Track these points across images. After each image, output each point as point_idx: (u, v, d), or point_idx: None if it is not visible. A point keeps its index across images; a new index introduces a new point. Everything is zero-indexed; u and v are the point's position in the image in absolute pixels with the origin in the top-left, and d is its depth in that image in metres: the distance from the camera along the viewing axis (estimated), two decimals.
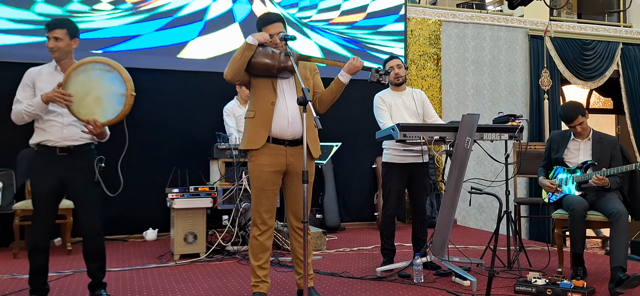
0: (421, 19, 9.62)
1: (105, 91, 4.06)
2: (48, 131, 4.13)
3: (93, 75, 4.05)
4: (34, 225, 4.16)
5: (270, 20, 4.19)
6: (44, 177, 4.13)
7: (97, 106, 4.05)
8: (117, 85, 4.07)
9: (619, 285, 4.45)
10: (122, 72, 4.09)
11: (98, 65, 4.08)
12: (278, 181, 4.18)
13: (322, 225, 8.23)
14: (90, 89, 4.04)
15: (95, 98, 4.04)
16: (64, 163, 4.14)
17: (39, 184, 4.15)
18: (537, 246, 7.00)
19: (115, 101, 4.07)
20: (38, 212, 4.14)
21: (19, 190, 6.78)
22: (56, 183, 4.14)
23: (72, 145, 4.16)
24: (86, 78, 4.04)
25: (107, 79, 4.07)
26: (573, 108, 5.22)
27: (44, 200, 4.13)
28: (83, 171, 4.19)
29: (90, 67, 4.06)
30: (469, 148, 4.88)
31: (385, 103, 5.47)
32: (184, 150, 7.86)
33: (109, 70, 4.08)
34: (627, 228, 4.80)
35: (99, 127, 4.04)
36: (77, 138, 4.16)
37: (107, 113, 4.07)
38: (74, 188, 4.20)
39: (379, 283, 4.99)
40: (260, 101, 4.12)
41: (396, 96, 5.53)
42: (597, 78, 10.87)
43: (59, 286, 4.92)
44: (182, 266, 5.81)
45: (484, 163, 9.74)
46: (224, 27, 8.23)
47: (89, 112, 4.03)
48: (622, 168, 4.88)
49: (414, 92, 5.62)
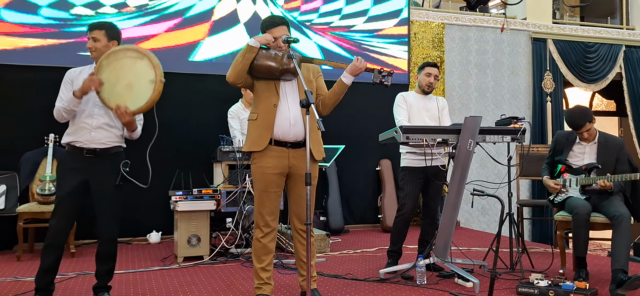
0: (424, 22, 9.63)
1: (136, 78, 4.10)
2: (77, 133, 4.20)
3: (124, 62, 4.11)
4: (53, 222, 4.17)
5: (274, 23, 4.20)
6: (69, 176, 4.19)
7: (128, 93, 4.09)
8: (147, 72, 4.10)
9: (620, 287, 4.45)
10: (152, 59, 4.12)
11: (129, 52, 4.13)
12: (281, 183, 4.19)
13: (326, 227, 8.24)
14: (121, 76, 4.08)
15: (126, 85, 4.09)
16: (89, 165, 4.19)
17: (63, 183, 4.20)
18: (539, 248, 7.01)
19: (145, 88, 4.10)
20: (59, 210, 4.17)
21: (23, 193, 6.80)
22: (80, 183, 4.18)
23: (99, 147, 4.20)
24: (117, 66, 4.09)
25: (137, 66, 4.11)
26: (581, 115, 5.17)
27: (66, 199, 4.16)
28: (107, 173, 4.24)
29: (121, 54, 4.11)
30: (472, 151, 4.89)
31: (406, 103, 5.51)
32: (188, 153, 7.88)
33: (139, 57, 4.12)
34: (630, 231, 4.80)
35: (129, 114, 4.07)
36: (105, 141, 4.22)
37: (137, 101, 4.10)
38: (96, 189, 4.23)
39: (382, 284, 5.00)
40: (263, 103, 4.14)
41: (420, 99, 5.58)
42: (599, 81, 10.86)
43: (62, 288, 4.94)
44: (186, 268, 5.82)
45: (487, 166, 9.74)
46: (228, 28, 8.25)
47: (120, 99, 4.07)
48: (627, 177, 4.86)
49: (438, 99, 5.70)
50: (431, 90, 5.59)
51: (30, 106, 7.11)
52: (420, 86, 5.60)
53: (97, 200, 4.25)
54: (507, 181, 5.76)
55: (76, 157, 4.20)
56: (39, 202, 6.41)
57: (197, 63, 8.07)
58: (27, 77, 7.23)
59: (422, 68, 5.62)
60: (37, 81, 7.17)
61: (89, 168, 4.19)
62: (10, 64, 7.23)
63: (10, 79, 7.24)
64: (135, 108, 4.11)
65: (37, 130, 6.81)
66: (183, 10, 8.05)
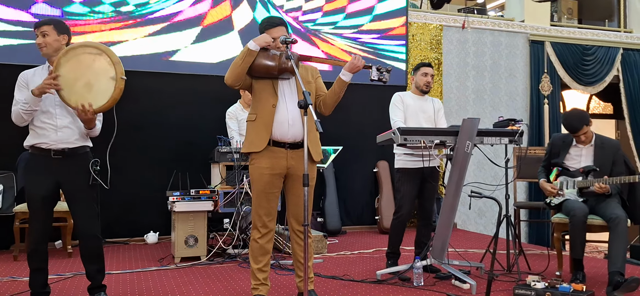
0: (423, 24, 9.64)
1: (95, 76, 3.98)
2: (42, 134, 4.09)
3: (83, 59, 3.98)
4: (31, 228, 4.14)
5: (273, 24, 4.20)
6: (38, 179, 4.09)
7: (88, 91, 3.97)
8: (107, 69, 3.99)
9: (617, 289, 4.47)
10: (111, 55, 4.01)
11: (87, 48, 4.01)
12: (279, 184, 4.19)
13: (323, 228, 8.24)
14: (80, 74, 3.96)
15: (86, 83, 3.96)
16: (59, 166, 4.10)
17: (33, 187, 4.11)
18: (536, 250, 7.01)
19: (106, 85, 3.99)
20: (34, 215, 4.12)
21: (20, 193, 6.78)
22: (51, 185, 4.11)
23: (67, 147, 4.11)
24: (76, 63, 3.97)
25: (96, 63, 3.99)
26: (578, 118, 5.18)
27: (39, 203, 4.10)
28: (78, 174, 4.15)
29: (80, 51, 3.99)
30: (469, 153, 4.89)
31: (402, 103, 5.51)
32: (185, 153, 7.88)
33: (98, 53, 4.00)
34: (627, 233, 4.80)
35: (90, 112, 3.96)
36: (72, 140, 4.12)
37: (98, 99, 3.98)
38: (69, 191, 4.17)
39: (379, 286, 5.01)
40: (261, 104, 4.14)
41: (417, 99, 5.59)
42: (597, 84, 10.88)
43: (59, 288, 4.94)
44: (183, 269, 5.82)
45: (484, 168, 9.75)
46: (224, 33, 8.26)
47: (81, 97, 3.95)
48: (625, 179, 4.88)
49: (434, 101, 5.72)
50: (429, 89, 5.60)
51: None
52: (417, 86, 5.60)
53: (71, 202, 4.20)
54: (505, 183, 5.76)
55: (44, 159, 4.09)
56: None
57: (194, 64, 8.06)
58: None
59: (418, 68, 5.64)
60: None
61: (59, 169, 4.10)
62: (6, 63, 7.23)
63: (5, 78, 7.21)
64: (97, 107, 3.99)
65: None
66: (177, 12, 8.06)
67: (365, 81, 4.48)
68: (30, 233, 4.14)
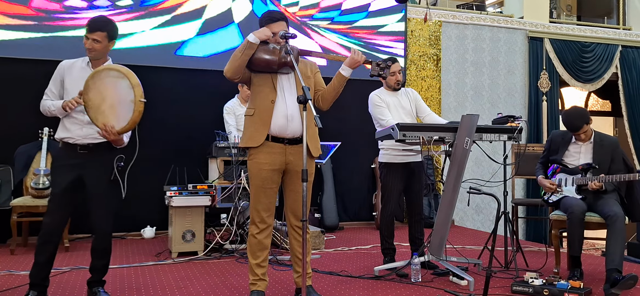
0: (421, 20, 9.63)
1: (117, 98, 4.06)
2: (69, 129, 4.18)
3: (107, 82, 4.07)
4: (47, 218, 4.16)
5: (273, 18, 4.18)
6: (63, 172, 4.18)
7: (112, 113, 4.06)
8: (127, 92, 4.06)
9: (614, 286, 4.46)
10: (131, 78, 4.08)
11: (111, 72, 4.09)
12: (277, 179, 4.18)
13: (321, 224, 8.23)
14: (105, 97, 4.06)
15: (110, 105, 4.06)
16: (84, 161, 4.18)
17: (58, 179, 4.20)
18: (534, 247, 7.02)
19: (127, 108, 4.07)
20: (53, 205, 4.17)
21: (17, 187, 6.78)
22: (74, 179, 4.16)
23: (92, 143, 4.18)
24: (101, 86, 4.06)
25: (118, 87, 4.07)
26: (579, 116, 5.16)
27: (60, 195, 4.16)
28: (101, 169, 4.21)
29: (103, 74, 4.07)
30: (468, 149, 4.88)
31: (382, 102, 5.47)
32: (183, 148, 7.86)
33: (119, 76, 4.08)
34: (624, 231, 4.80)
35: (113, 133, 4.05)
36: (98, 136, 4.18)
37: (120, 121, 4.07)
38: (91, 185, 4.21)
39: (377, 282, 5.00)
40: (260, 98, 4.13)
41: (392, 96, 5.55)
42: (595, 81, 10.89)
43: (56, 282, 4.93)
44: (180, 264, 5.81)
45: (482, 164, 9.74)
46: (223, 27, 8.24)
47: (105, 119, 4.05)
48: (623, 178, 4.88)
49: (407, 92, 5.66)
50: (400, 86, 5.57)
51: (24, 99, 7.06)
52: (388, 85, 5.55)
53: (91, 196, 4.23)
54: (503, 180, 5.75)
55: (70, 153, 4.19)
56: (33, 195, 6.38)
57: (192, 58, 8.04)
58: (20, 70, 7.20)
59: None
60: (30, 74, 7.12)
61: (83, 164, 4.17)
62: (3, 56, 7.22)
63: (3, 72, 7.21)
64: (119, 128, 4.08)
65: (31, 124, 6.78)
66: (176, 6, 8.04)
67: (363, 76, 4.49)
68: (44, 224, 4.16)
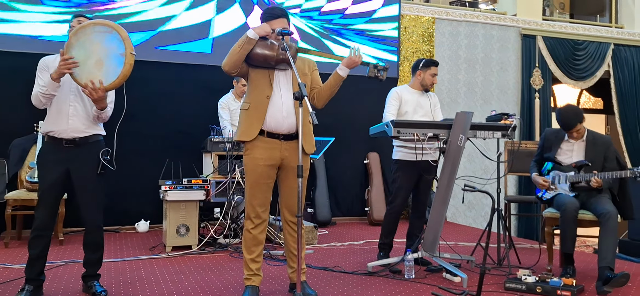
0: (415, 17, 9.65)
1: (105, 53, 3.99)
2: (54, 122, 4.16)
3: (93, 37, 3.99)
4: (38, 213, 4.17)
5: (275, 15, 4.21)
6: (49, 166, 4.18)
7: (99, 69, 3.98)
8: (116, 45, 3.99)
9: (607, 284, 4.51)
10: (120, 31, 4.01)
11: (97, 27, 4.02)
12: (272, 175, 4.20)
13: (314, 219, 8.26)
14: (91, 53, 3.98)
15: (97, 61, 3.98)
16: (70, 155, 4.18)
17: (45, 173, 4.20)
18: (526, 244, 7.06)
19: (116, 62, 3.99)
20: (42, 200, 4.17)
21: (12, 180, 6.78)
22: (61, 173, 4.17)
23: (78, 136, 4.18)
24: (86, 41, 3.99)
25: (106, 40, 4.00)
26: (572, 115, 5.20)
27: (49, 190, 4.16)
28: (88, 162, 4.22)
29: (89, 30, 4.00)
30: (462, 146, 4.91)
31: (399, 100, 5.47)
32: (178, 143, 7.87)
33: (108, 31, 4.01)
34: (617, 229, 4.85)
35: (101, 90, 3.97)
36: (83, 129, 4.19)
37: (108, 76, 3.99)
38: (78, 179, 4.22)
39: (370, 278, 5.03)
40: (256, 93, 4.15)
41: (415, 94, 5.55)
42: (588, 79, 10.94)
43: (51, 276, 4.94)
44: (174, 258, 5.83)
45: (474, 161, 9.79)
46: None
47: (91, 76, 3.96)
48: (619, 174, 4.92)
49: (430, 95, 5.66)
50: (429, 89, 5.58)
51: (19, 92, 7.04)
52: (422, 84, 5.52)
53: (79, 190, 4.25)
54: (497, 177, 5.78)
55: (56, 148, 4.18)
56: (28, 189, 6.37)
57: (188, 53, 8.05)
58: (16, 63, 7.18)
59: (428, 66, 5.51)
60: (26, 67, 7.09)
61: (69, 158, 4.18)
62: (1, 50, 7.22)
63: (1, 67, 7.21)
64: (108, 84, 3.99)
65: (26, 117, 6.77)
66: None
67: (357, 73, 4.51)
68: (35, 219, 4.17)
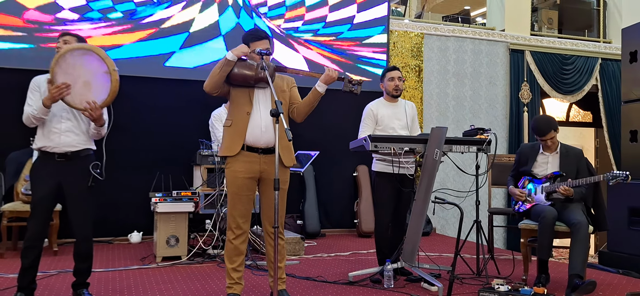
0: (404, 32, 9.82)
1: (90, 74, 4.17)
2: (47, 137, 4.33)
3: (72, 62, 4.15)
4: (30, 225, 4.34)
5: (258, 37, 4.42)
6: (42, 179, 4.35)
7: (88, 90, 4.17)
8: (98, 65, 4.17)
9: (575, 291, 4.69)
10: (98, 51, 4.19)
11: (74, 51, 4.17)
12: (253, 187, 4.39)
13: (303, 231, 8.42)
14: (76, 77, 4.16)
15: (84, 83, 4.17)
16: (62, 168, 4.35)
17: (37, 186, 4.36)
18: (509, 255, 7.20)
19: (102, 80, 4.18)
20: (34, 212, 4.34)
21: (8, 192, 6.91)
22: (53, 186, 4.34)
23: (70, 151, 4.36)
24: (69, 67, 4.14)
25: (86, 62, 4.17)
26: (546, 122, 5.45)
27: (40, 202, 4.33)
28: (78, 176, 4.39)
29: (67, 55, 4.15)
30: (438, 160, 5.08)
31: (372, 116, 5.60)
32: (169, 156, 8.04)
33: (85, 52, 4.17)
34: (588, 239, 5.03)
35: (98, 108, 4.18)
36: (75, 144, 4.37)
37: (100, 94, 4.19)
38: (69, 192, 4.40)
39: (350, 287, 5.20)
40: (237, 111, 4.35)
41: (389, 106, 5.66)
42: (576, 93, 11.10)
43: (43, 285, 5.10)
44: (164, 268, 6.00)
45: (464, 174, 9.89)
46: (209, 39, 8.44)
47: (84, 97, 4.16)
48: (590, 180, 5.12)
49: (407, 105, 5.76)
50: (399, 93, 5.65)
51: (15, 107, 7.17)
52: (388, 93, 5.66)
53: (70, 203, 4.43)
54: (476, 189, 5.95)
55: (49, 162, 4.35)
56: (24, 201, 6.53)
57: (177, 69, 8.23)
58: (11, 79, 7.33)
59: (384, 75, 5.69)
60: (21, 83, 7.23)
61: (61, 171, 4.35)
62: None
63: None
64: (101, 102, 4.20)
65: (22, 131, 6.82)
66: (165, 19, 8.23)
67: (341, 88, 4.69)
68: (28, 230, 4.33)
